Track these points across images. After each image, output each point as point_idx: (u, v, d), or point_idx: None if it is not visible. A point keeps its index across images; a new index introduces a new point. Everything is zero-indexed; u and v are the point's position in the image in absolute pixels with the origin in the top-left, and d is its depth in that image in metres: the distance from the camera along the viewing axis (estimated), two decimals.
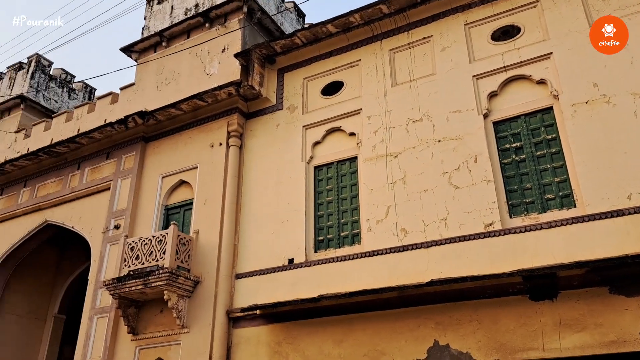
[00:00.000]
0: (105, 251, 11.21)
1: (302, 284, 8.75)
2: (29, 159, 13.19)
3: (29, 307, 13.97)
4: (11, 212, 13.41)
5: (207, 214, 10.24)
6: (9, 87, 15.73)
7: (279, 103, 10.79)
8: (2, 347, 13.02)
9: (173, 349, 9.30)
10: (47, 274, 14.69)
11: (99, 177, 12.32)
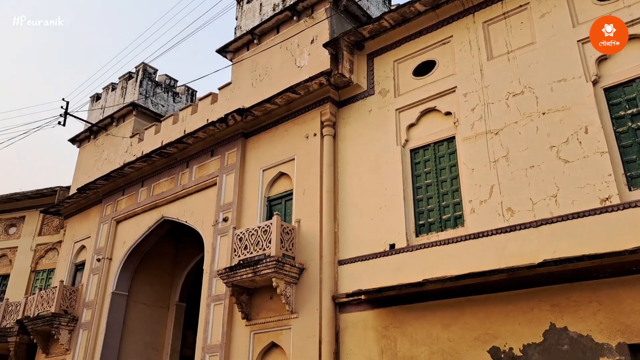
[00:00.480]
0: (216, 242, 11.96)
1: (405, 269, 8.73)
2: (144, 161, 14.37)
3: (154, 296, 15.34)
4: (132, 211, 14.74)
5: (306, 203, 10.54)
6: (122, 95, 17.22)
7: (370, 88, 10.77)
8: (135, 332, 14.44)
9: (284, 333, 9.75)
10: (166, 266, 16.02)
11: (206, 174, 13.13)
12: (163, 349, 15.00)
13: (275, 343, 9.90)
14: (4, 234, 19.30)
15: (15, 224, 19.34)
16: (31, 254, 18.48)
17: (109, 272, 14.55)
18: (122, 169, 14.85)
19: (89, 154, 17.51)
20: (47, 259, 18.34)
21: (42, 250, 18.47)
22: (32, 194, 18.86)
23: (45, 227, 18.77)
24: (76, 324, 14.38)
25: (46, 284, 17.66)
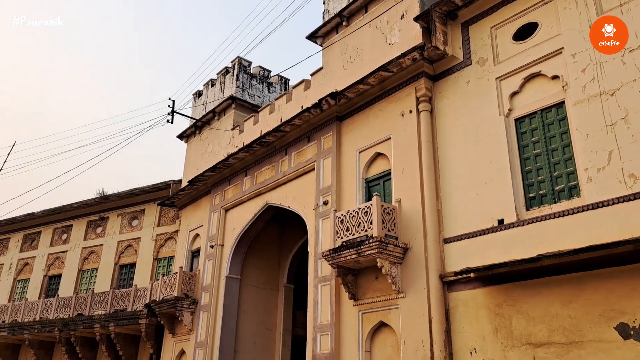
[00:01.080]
0: (318, 225, 12.25)
1: (516, 244, 8.35)
2: (246, 151, 15.03)
3: (264, 279, 16.11)
4: (239, 199, 15.52)
5: (406, 182, 10.41)
6: (221, 90, 18.08)
7: (466, 59, 10.31)
8: (249, 313, 15.30)
9: (393, 312, 9.80)
10: (273, 249, 16.72)
11: (304, 160, 13.44)
12: (276, 329, 15.76)
13: (384, 322, 9.98)
14: (128, 226, 21.26)
15: (137, 217, 21.22)
16: (152, 244, 20.18)
17: (221, 257, 15.50)
18: (227, 160, 15.65)
19: (196, 148, 18.65)
20: (167, 248, 19.93)
21: (162, 239, 20.10)
22: (149, 188, 20.53)
23: (162, 218, 20.40)
24: (197, 307, 15.52)
25: (167, 270, 19.21)
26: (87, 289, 20.75)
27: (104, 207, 21.81)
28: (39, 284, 22.22)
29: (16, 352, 20.67)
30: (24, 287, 22.89)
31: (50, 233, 23.09)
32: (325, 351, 10.80)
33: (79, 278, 21.41)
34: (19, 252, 23.69)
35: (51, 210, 22.62)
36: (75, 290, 20.76)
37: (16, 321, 19.59)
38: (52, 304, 19.28)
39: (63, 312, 18.78)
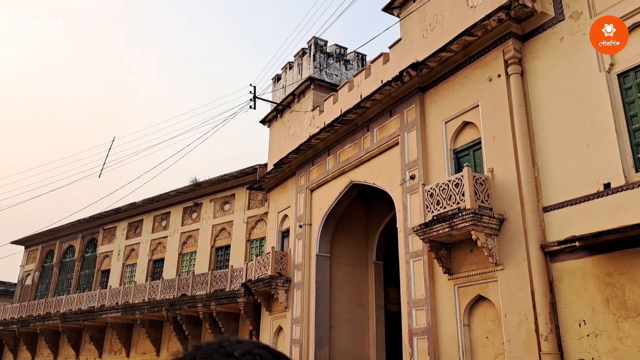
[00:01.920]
0: (406, 201, 12.10)
1: (625, 209, 7.75)
2: (327, 131, 15.11)
3: (353, 256, 16.27)
4: (323, 179, 15.70)
5: (498, 150, 9.97)
6: (299, 72, 18.24)
7: (558, 14, 9.58)
8: (341, 290, 15.56)
9: (491, 286, 9.51)
10: (360, 227, 16.80)
11: (387, 135, 13.28)
12: (368, 305, 15.91)
13: (482, 296, 9.73)
14: (220, 210, 22.30)
15: (228, 201, 22.17)
16: (244, 226, 21.04)
17: (310, 236, 15.82)
18: (309, 141, 15.84)
19: (279, 132, 19.05)
20: (258, 229, 20.69)
21: (252, 221, 20.88)
22: (237, 173, 21.34)
23: (252, 201, 21.16)
24: (290, 284, 16.02)
25: (259, 250, 19.97)
26: (187, 271, 22.10)
27: (197, 194, 23.01)
28: (145, 268, 24.01)
29: (130, 330, 22.57)
30: (132, 271, 24.85)
31: (151, 220, 24.79)
32: (421, 325, 10.75)
33: (179, 261, 22.86)
34: (125, 239, 25.69)
35: (150, 199, 24.24)
36: (177, 272, 22.20)
37: (128, 303, 21.34)
38: (158, 286, 20.77)
39: (168, 293, 20.17)
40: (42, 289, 29.34)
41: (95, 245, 27.39)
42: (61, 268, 28.90)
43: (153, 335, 21.19)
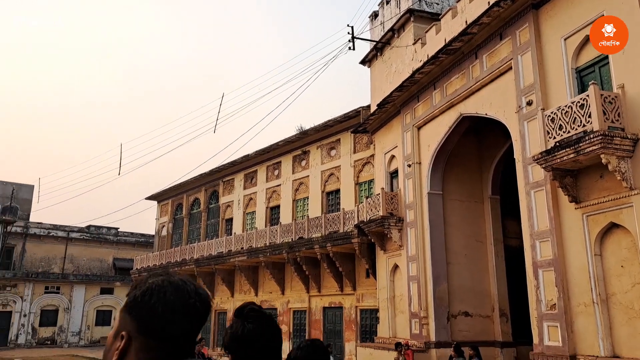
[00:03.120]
0: (523, 129, 11.37)
1: None
2: (432, 63, 14.48)
3: (467, 192, 15.84)
4: (430, 114, 15.22)
5: (630, 64, 8.90)
6: (397, 6, 17.48)
7: None
8: (456, 226, 15.34)
9: (625, 212, 8.76)
10: (472, 162, 16.21)
11: (498, 60, 12.42)
12: (486, 240, 15.55)
13: (615, 223, 9.02)
14: (327, 156, 22.72)
15: (334, 147, 22.48)
16: (352, 170, 21.30)
17: (420, 175, 15.61)
18: (412, 77, 15.33)
19: (380, 71, 18.65)
20: (365, 172, 20.85)
21: (360, 165, 21.05)
22: (341, 118, 21.44)
23: (357, 145, 21.25)
24: (403, 224, 16.09)
25: (369, 193, 20.19)
26: (302, 215, 23.09)
27: (304, 142, 23.59)
28: (263, 215, 25.49)
29: (255, 271, 24.38)
30: (252, 218, 26.53)
31: (264, 170, 26.04)
32: (546, 257, 10.29)
33: (294, 207, 23.91)
34: (243, 189, 27.34)
35: (261, 150, 25.35)
36: (292, 217, 23.30)
37: (251, 247, 22.94)
38: (276, 230, 22.01)
39: (286, 237, 21.32)
40: (176, 238, 32.50)
41: (217, 197, 29.52)
42: (190, 219, 31.69)
43: (277, 275, 22.70)
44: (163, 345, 1.19)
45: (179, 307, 1.20)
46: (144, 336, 1.19)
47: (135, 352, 1.18)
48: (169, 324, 1.19)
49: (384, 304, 17.11)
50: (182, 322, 1.20)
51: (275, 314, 23.01)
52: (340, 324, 20.18)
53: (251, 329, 1.61)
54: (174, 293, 1.21)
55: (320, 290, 21.10)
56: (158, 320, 1.18)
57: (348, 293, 19.94)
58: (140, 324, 1.19)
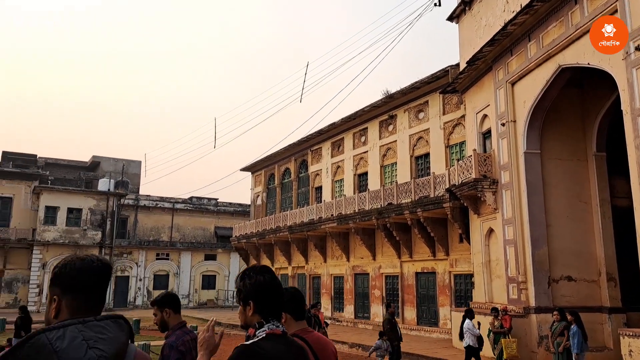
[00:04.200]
0: (632, 77, 10.29)
1: None
2: (525, 13, 13.42)
3: (568, 150, 14.75)
4: (525, 68, 14.22)
5: None
6: None
7: None
8: (556, 187, 14.39)
9: None
10: (574, 117, 15.01)
11: (601, 3, 11.25)
12: (591, 201, 14.46)
13: None
14: (415, 119, 22.18)
15: (422, 109, 21.87)
16: (441, 132, 20.64)
17: (515, 134, 14.76)
18: (504, 29, 14.35)
19: (468, 26, 17.67)
20: (456, 134, 20.11)
21: (449, 127, 20.33)
22: (428, 79, 20.73)
23: (447, 106, 20.50)
24: (497, 186, 15.41)
25: (460, 155, 19.50)
26: (390, 181, 22.92)
27: (390, 106, 23.19)
28: (351, 182, 25.64)
29: (346, 238, 24.74)
30: (340, 186, 26.81)
31: (351, 137, 26.04)
32: None
33: (382, 173, 23.78)
34: (331, 157, 27.60)
35: (347, 117, 25.31)
36: (381, 183, 23.20)
37: (341, 214, 23.25)
38: (365, 197, 22.07)
39: (375, 203, 21.32)
40: (270, 207, 33.78)
41: (306, 166, 30.11)
42: (282, 188, 32.71)
43: (367, 241, 22.89)
44: (79, 295, 1.72)
45: (84, 269, 1.73)
46: (67, 294, 1.72)
47: (64, 307, 1.71)
48: (79, 281, 1.72)
49: (478, 269, 16.67)
50: (88, 278, 1.73)
51: (368, 279, 23.32)
52: (433, 289, 20.03)
53: (270, 279, 2.23)
54: (80, 262, 1.75)
55: (412, 255, 20.99)
56: (72, 281, 1.71)
57: (441, 258, 19.66)
58: (62, 288, 1.73)
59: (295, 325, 2.71)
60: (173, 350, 3.33)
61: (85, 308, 1.72)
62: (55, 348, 1.53)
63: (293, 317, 2.73)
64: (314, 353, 2.47)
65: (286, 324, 2.62)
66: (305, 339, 2.49)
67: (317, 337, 2.75)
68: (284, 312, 2.64)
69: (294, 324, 2.72)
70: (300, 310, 2.78)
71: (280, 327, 2.18)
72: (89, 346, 1.58)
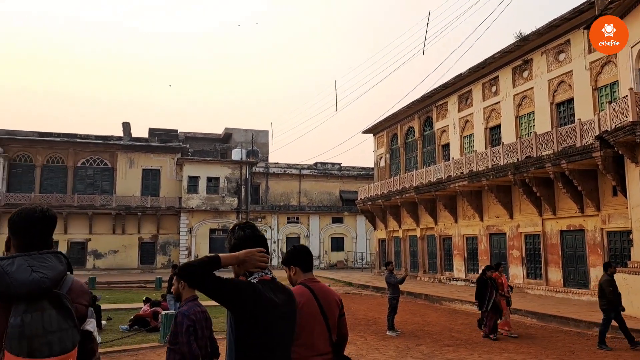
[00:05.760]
0: None
1: None
2: None
3: None
4: None
5: None
6: None
7: None
8: None
9: None
10: None
11: None
12: None
13: None
14: (554, 62, 19.89)
15: (563, 50, 19.52)
16: (587, 74, 18.29)
17: None
18: None
19: None
20: (605, 74, 17.68)
21: (597, 66, 17.91)
22: (569, 14, 18.38)
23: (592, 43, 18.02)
24: None
25: (612, 97, 17.14)
26: (527, 133, 21.03)
27: (525, 50, 21.08)
28: (482, 137, 24.03)
29: (478, 196, 23.40)
30: (470, 141, 25.30)
31: (480, 89, 24.29)
32: None
33: (517, 124, 21.90)
34: (458, 112, 26.09)
35: (475, 67, 23.57)
36: (516, 136, 21.40)
37: (472, 171, 21.96)
38: (499, 151, 20.53)
39: (511, 157, 19.74)
40: (394, 168, 33.21)
41: (431, 123, 28.88)
42: (406, 148, 31.88)
43: (502, 199, 21.42)
44: (22, 236, 2.15)
45: (26, 217, 2.17)
46: (14, 235, 2.17)
47: (13, 245, 2.17)
48: (21, 226, 2.16)
49: (637, 225, 14.68)
50: (28, 224, 2.16)
51: (504, 239, 21.95)
52: (582, 249, 18.19)
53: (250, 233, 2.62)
54: (25, 211, 2.19)
55: (555, 212, 19.20)
56: (15, 225, 2.17)
57: (590, 214, 17.71)
58: (10, 231, 2.18)
59: (303, 276, 3.18)
60: (185, 317, 3.75)
61: (28, 246, 2.13)
62: (6, 270, 1.98)
63: (301, 269, 3.20)
64: (317, 300, 3.05)
65: (296, 274, 3.18)
66: (310, 287, 3.10)
67: (321, 286, 3.20)
68: (294, 265, 3.19)
69: (302, 274, 3.19)
70: (307, 263, 3.24)
71: (269, 274, 2.54)
72: (32, 270, 2.02)
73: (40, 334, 1.96)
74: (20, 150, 38.15)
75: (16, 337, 1.93)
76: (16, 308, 1.96)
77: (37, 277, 2.00)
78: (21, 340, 1.93)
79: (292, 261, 3.20)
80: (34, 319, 1.96)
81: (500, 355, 9.76)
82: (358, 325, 13.60)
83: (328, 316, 3.08)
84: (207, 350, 3.97)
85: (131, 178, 40.19)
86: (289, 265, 3.21)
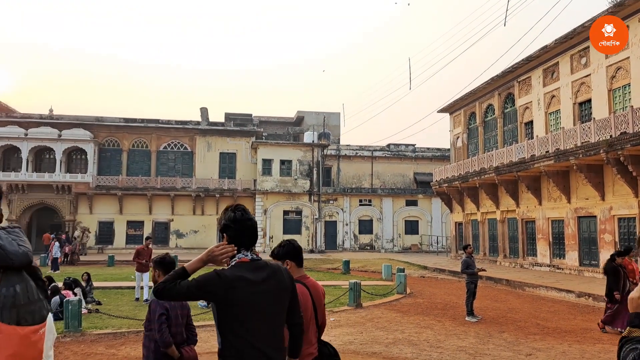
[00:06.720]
0: None
1: None
2: None
3: None
4: None
5: None
6: None
7: None
8: None
9: None
10: None
11: None
12: None
13: None
14: None
15: None
16: None
17: None
18: None
19: None
20: None
21: None
22: None
23: None
24: None
25: None
26: (622, 107, 19.25)
27: (620, 15, 19.15)
28: (570, 113, 22.32)
29: (565, 176, 21.83)
30: (556, 118, 23.60)
31: (567, 61, 22.49)
32: None
33: (610, 98, 20.08)
34: (542, 87, 24.36)
35: (563, 37, 21.80)
36: (609, 110, 19.65)
37: (559, 149, 20.49)
38: (590, 128, 18.96)
39: (604, 134, 18.17)
40: (472, 148, 31.83)
41: (513, 100, 27.27)
42: (484, 127, 30.39)
43: (593, 179, 19.85)
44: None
45: None
46: None
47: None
48: None
49: None
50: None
51: (595, 222, 20.38)
52: None
53: (240, 215, 2.65)
54: None
55: None
56: None
57: None
58: None
59: (297, 272, 3.31)
60: (159, 305, 3.76)
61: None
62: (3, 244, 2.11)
63: (296, 264, 3.36)
64: (312, 297, 3.30)
65: (291, 269, 3.20)
66: (305, 283, 3.32)
67: (312, 282, 3.44)
68: (290, 260, 3.32)
69: (296, 269, 3.34)
70: (301, 259, 3.41)
71: (248, 256, 2.59)
72: (17, 244, 2.14)
73: (26, 303, 2.10)
74: (109, 136, 40.55)
75: (8, 307, 2.03)
76: (8, 279, 2.07)
77: (25, 250, 2.15)
78: (11, 309, 2.04)
79: (287, 256, 3.34)
80: (22, 289, 2.09)
81: (594, 346, 8.99)
82: (435, 309, 13.14)
83: (318, 310, 3.36)
84: (183, 336, 4.07)
85: (209, 161, 41.56)
86: (283, 259, 3.32)
